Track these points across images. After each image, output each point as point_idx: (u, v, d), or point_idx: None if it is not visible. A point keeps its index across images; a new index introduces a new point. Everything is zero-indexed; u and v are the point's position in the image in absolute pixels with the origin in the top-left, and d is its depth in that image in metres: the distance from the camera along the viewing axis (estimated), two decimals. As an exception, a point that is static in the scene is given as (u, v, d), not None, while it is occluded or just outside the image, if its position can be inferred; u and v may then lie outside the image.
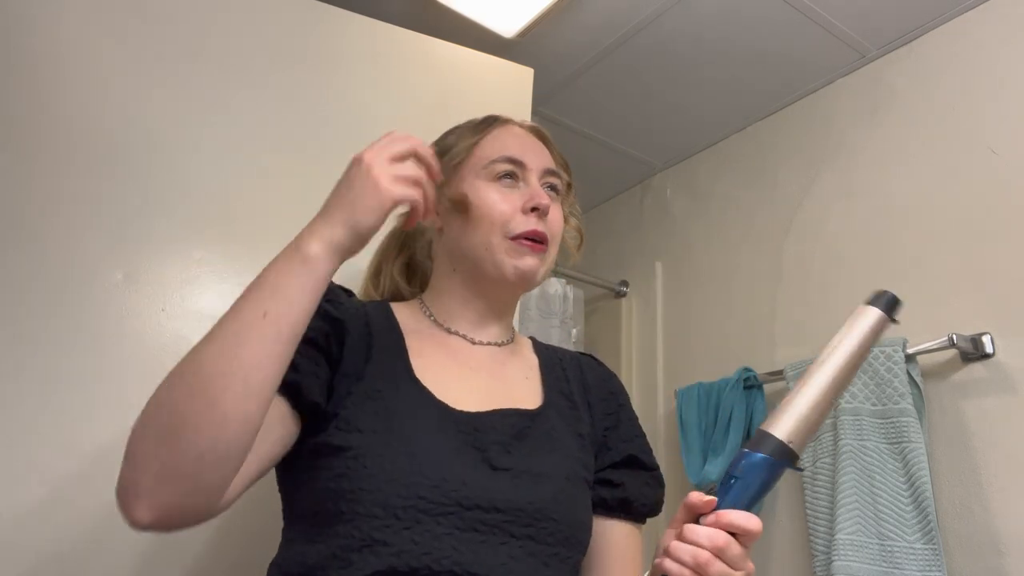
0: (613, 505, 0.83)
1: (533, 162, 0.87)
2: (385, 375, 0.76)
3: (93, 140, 1.06)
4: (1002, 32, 1.59)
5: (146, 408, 0.61)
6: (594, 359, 0.96)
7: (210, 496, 0.60)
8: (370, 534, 0.66)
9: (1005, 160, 1.53)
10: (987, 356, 1.45)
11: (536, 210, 0.83)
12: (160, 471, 0.58)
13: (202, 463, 0.58)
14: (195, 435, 0.58)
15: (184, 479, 0.58)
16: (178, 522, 0.60)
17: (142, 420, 0.61)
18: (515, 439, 0.76)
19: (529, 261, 0.83)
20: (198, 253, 1.08)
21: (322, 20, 1.28)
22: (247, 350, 0.60)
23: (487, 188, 0.84)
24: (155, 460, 0.58)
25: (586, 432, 0.84)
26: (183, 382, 0.60)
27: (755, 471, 0.64)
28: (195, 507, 0.60)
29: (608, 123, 2.16)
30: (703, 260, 2.16)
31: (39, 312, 0.96)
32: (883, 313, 0.69)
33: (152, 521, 0.58)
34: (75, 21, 1.09)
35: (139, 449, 0.59)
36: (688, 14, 1.72)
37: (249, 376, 0.60)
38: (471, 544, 0.68)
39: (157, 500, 0.58)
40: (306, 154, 1.20)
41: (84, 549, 0.91)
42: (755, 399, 1.80)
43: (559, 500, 0.74)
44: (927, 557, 1.34)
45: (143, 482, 0.58)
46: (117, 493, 0.59)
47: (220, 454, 0.59)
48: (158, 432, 0.59)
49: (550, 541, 0.72)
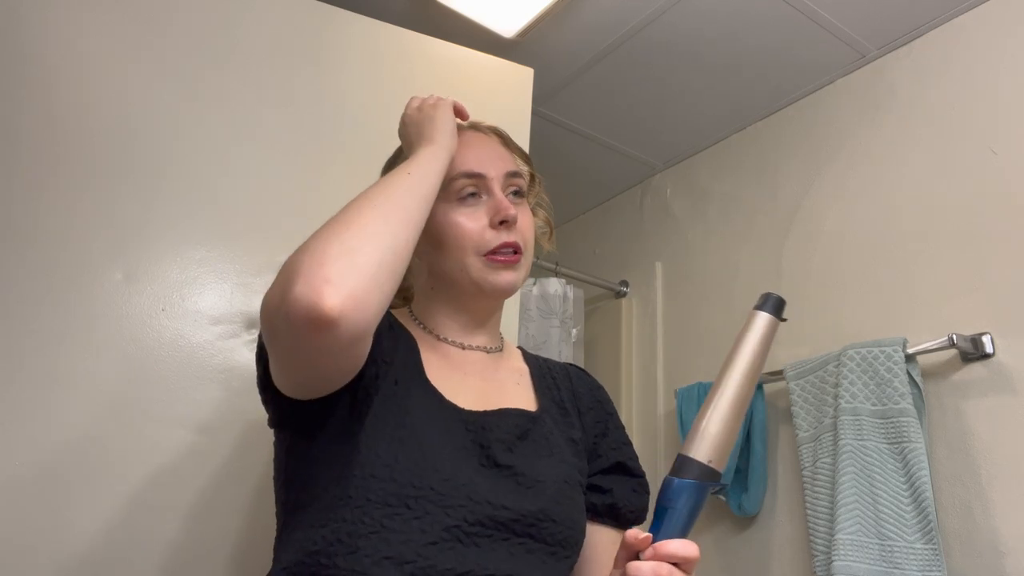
0: (602, 511, 0.84)
1: (493, 170, 0.86)
2: (405, 370, 0.78)
3: (93, 140, 1.06)
4: (1002, 32, 1.59)
5: (321, 231, 0.67)
6: (582, 370, 0.98)
7: (380, 304, 0.65)
8: (380, 521, 0.67)
9: (1005, 160, 1.53)
10: (987, 356, 1.45)
11: (504, 223, 0.84)
12: (349, 264, 0.63)
13: (381, 268, 0.65)
14: (377, 242, 0.66)
15: (369, 277, 0.63)
16: (359, 320, 0.62)
17: (322, 234, 0.66)
18: (518, 439, 0.78)
19: (507, 276, 0.84)
20: (198, 253, 1.08)
21: (323, 20, 1.28)
22: (399, 193, 0.72)
23: (452, 211, 0.84)
24: (344, 255, 0.63)
25: (578, 438, 0.86)
26: (362, 206, 0.69)
27: (683, 497, 0.66)
28: (371, 309, 0.64)
29: (608, 123, 2.16)
30: (703, 260, 2.16)
31: (39, 312, 0.97)
32: (772, 316, 0.72)
33: (342, 308, 0.60)
34: (75, 21, 1.09)
35: (325, 251, 0.63)
36: (688, 14, 1.72)
37: (406, 206, 0.72)
38: (475, 538, 0.69)
39: (348, 287, 0.61)
40: (306, 153, 1.20)
41: (84, 549, 0.91)
42: (755, 399, 1.80)
43: (559, 502, 0.76)
44: (927, 557, 1.34)
45: (337, 269, 0.62)
46: (296, 294, 0.61)
47: (392, 265, 0.67)
48: (345, 240, 0.65)
49: (549, 541, 0.74)
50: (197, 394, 1.02)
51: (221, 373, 0.98)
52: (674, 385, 2.07)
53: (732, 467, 1.74)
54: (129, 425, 0.98)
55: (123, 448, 0.97)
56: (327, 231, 0.66)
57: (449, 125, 0.84)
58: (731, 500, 1.77)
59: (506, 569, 0.69)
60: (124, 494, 0.95)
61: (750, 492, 1.75)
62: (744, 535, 1.82)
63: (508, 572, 0.70)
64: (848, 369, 1.54)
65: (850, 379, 1.53)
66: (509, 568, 0.70)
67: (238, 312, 1.08)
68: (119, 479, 0.96)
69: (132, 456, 0.97)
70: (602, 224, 2.58)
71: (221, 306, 1.07)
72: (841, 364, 1.56)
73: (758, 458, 1.76)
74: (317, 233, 0.66)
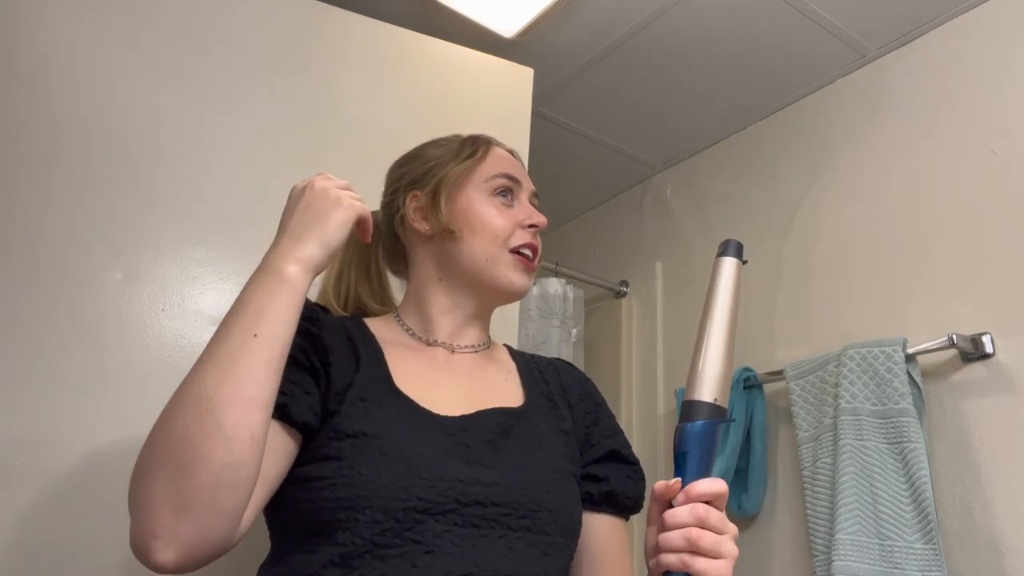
0: (599, 499, 0.84)
1: (525, 182, 0.94)
2: (371, 386, 0.77)
3: (93, 140, 1.06)
4: (1002, 32, 1.59)
5: (147, 448, 0.61)
6: (569, 364, 0.99)
7: (230, 524, 0.60)
8: (371, 539, 0.66)
9: (1005, 160, 1.53)
10: (987, 356, 1.45)
11: (534, 227, 0.90)
12: (177, 506, 0.57)
13: (218, 489, 0.58)
14: (208, 460, 0.58)
15: (203, 510, 0.58)
16: (202, 557, 0.59)
17: (146, 461, 0.61)
18: (501, 436, 0.78)
19: (524, 279, 0.89)
20: (198, 253, 1.08)
21: (323, 20, 1.28)
22: (244, 370, 0.62)
23: (488, 203, 0.89)
24: (170, 496, 0.58)
25: (569, 428, 0.86)
26: (185, 410, 0.60)
27: (700, 439, 0.68)
28: (216, 539, 0.60)
29: (608, 123, 2.16)
30: (703, 260, 2.16)
31: (39, 312, 0.97)
32: (737, 259, 0.76)
33: (176, 561, 0.57)
34: (76, 22, 1.09)
35: (150, 489, 0.59)
36: (688, 14, 1.72)
37: (249, 393, 0.62)
38: (471, 539, 0.69)
39: (178, 537, 0.57)
40: (306, 153, 1.20)
41: (84, 549, 0.91)
42: (755, 399, 1.80)
43: (551, 491, 0.76)
44: (927, 557, 1.34)
45: (160, 522, 0.57)
46: (133, 543, 0.59)
47: (234, 476, 0.59)
48: (168, 466, 0.59)
49: (548, 531, 0.74)
50: (197, 394, 1.02)
51: (221, 373, 0.99)
52: (674, 385, 2.07)
53: (732, 467, 1.74)
54: (129, 425, 0.98)
55: (123, 448, 0.97)
56: (151, 455, 0.60)
57: (339, 217, 0.72)
58: (731, 500, 1.77)
59: (507, 567, 0.69)
60: (124, 494, 0.95)
61: (750, 492, 1.75)
62: (744, 535, 1.82)
63: (509, 571, 0.69)
64: (848, 369, 1.54)
65: (850, 379, 1.53)
66: (510, 566, 0.69)
67: (238, 312, 1.08)
68: (119, 479, 0.95)
69: (132, 456, 0.97)
70: (602, 224, 2.58)
71: (221, 306, 1.07)
72: (841, 364, 1.56)
73: (758, 458, 1.76)
74: (144, 453, 0.61)
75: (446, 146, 0.95)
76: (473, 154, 0.92)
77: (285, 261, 0.68)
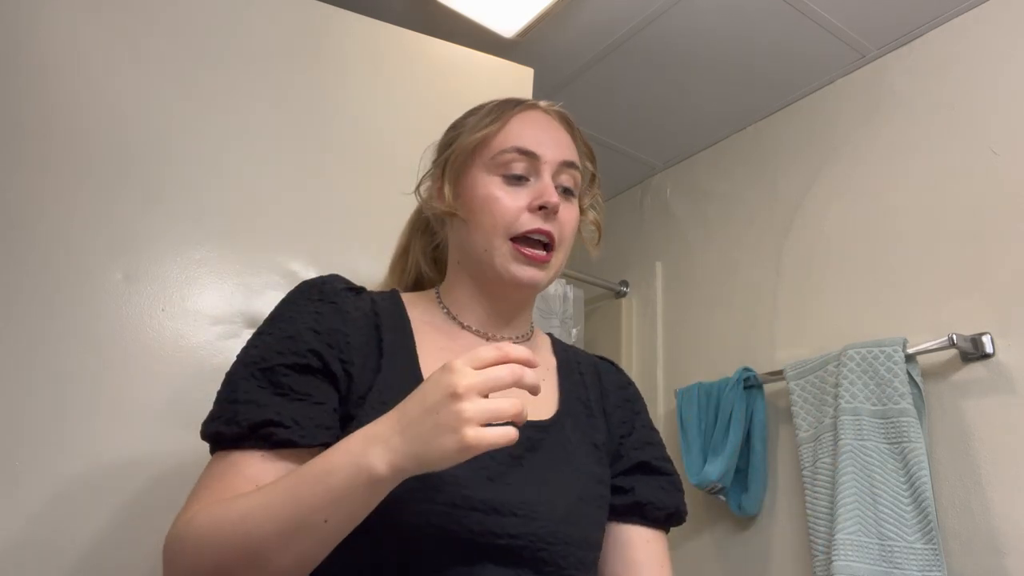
0: (624, 510, 0.82)
1: (549, 154, 0.80)
2: (395, 385, 0.72)
3: (93, 140, 1.06)
4: (1002, 32, 1.59)
5: (180, 560, 0.63)
6: (613, 365, 0.94)
7: None
8: (378, 561, 0.66)
9: (1005, 160, 1.53)
10: (987, 356, 1.45)
11: (544, 208, 0.78)
12: None
13: None
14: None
15: None
16: None
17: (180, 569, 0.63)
18: (528, 451, 0.74)
19: (529, 272, 0.78)
20: (198, 253, 1.08)
21: (323, 20, 1.28)
22: (305, 544, 0.61)
23: (492, 184, 0.79)
24: None
25: (602, 442, 0.83)
26: (233, 547, 0.61)
27: None
28: None
29: (608, 123, 2.16)
30: (703, 260, 2.16)
31: (39, 312, 0.96)
32: None
33: None
34: (76, 22, 1.09)
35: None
36: (687, 15, 1.72)
37: (303, 558, 0.62)
38: (485, 564, 0.67)
39: None
40: (306, 153, 1.20)
41: (84, 549, 0.91)
42: (755, 399, 1.80)
43: (570, 522, 0.73)
44: (927, 557, 1.34)
45: None
46: None
47: None
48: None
49: (563, 563, 0.71)
50: (197, 394, 1.02)
51: (221, 373, 0.98)
52: (674, 385, 2.07)
53: (732, 467, 1.74)
54: (129, 425, 0.98)
55: (123, 448, 0.97)
56: (195, 567, 0.63)
57: (450, 447, 0.58)
58: (731, 500, 1.77)
59: None
60: (124, 494, 0.95)
61: (750, 492, 1.75)
62: (744, 535, 1.82)
63: None
64: (848, 369, 1.54)
65: (850, 379, 1.53)
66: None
67: (238, 312, 1.08)
68: (119, 479, 0.95)
69: (132, 456, 0.97)
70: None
71: (221, 306, 1.07)
72: (841, 364, 1.56)
73: (758, 458, 1.76)
74: (180, 561, 0.64)
75: (478, 112, 0.86)
76: (492, 123, 0.81)
77: (381, 460, 0.59)
